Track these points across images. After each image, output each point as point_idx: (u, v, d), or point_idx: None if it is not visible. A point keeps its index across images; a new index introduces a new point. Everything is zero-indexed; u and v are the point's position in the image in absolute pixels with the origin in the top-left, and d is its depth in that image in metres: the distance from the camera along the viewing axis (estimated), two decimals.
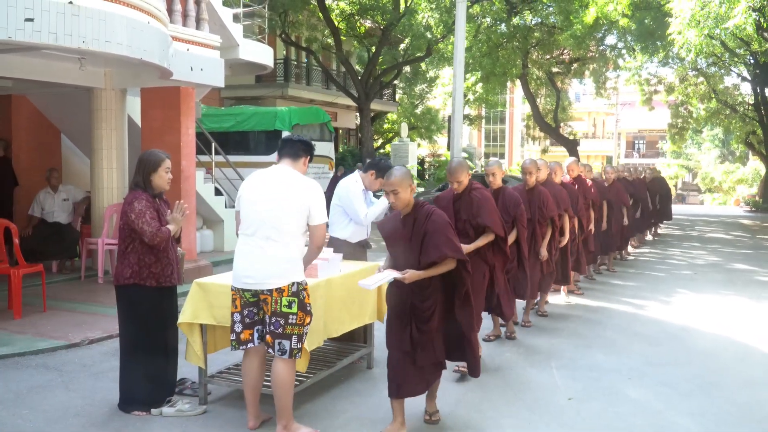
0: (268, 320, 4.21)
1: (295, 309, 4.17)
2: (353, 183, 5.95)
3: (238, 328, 4.29)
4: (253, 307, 4.26)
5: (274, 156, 16.14)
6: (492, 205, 5.68)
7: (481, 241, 5.57)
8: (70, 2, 6.27)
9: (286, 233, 4.16)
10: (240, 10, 13.56)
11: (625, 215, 11.39)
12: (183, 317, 4.79)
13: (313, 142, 4.58)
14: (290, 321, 4.17)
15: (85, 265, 9.53)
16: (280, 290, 4.15)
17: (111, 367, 5.66)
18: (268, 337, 4.22)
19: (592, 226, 9.43)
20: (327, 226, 4.40)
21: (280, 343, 4.18)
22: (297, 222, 4.19)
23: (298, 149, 4.37)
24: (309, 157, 4.43)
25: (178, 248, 5.03)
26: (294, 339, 4.19)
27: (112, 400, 4.92)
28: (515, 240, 6.46)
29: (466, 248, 5.17)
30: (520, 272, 6.69)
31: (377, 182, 5.88)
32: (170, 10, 8.87)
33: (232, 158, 14.80)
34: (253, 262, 4.18)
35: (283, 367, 4.21)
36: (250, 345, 4.30)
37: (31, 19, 6.06)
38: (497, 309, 6.13)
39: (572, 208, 8.15)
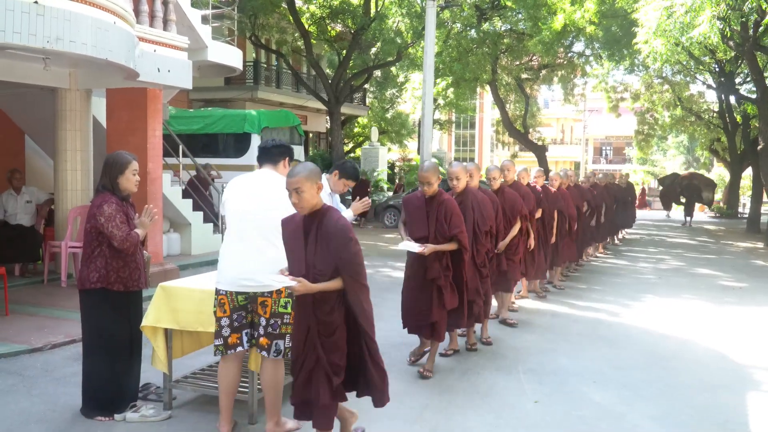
0: (264, 322, 4.22)
1: (289, 309, 4.21)
2: None
3: (225, 332, 4.27)
4: (242, 310, 4.26)
5: (242, 159, 16.02)
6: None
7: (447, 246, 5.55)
8: (35, 2, 6.18)
9: (279, 234, 4.16)
10: (209, 12, 13.46)
11: (574, 225, 10.30)
12: (146, 321, 4.73)
13: (288, 144, 4.63)
14: (285, 321, 4.22)
15: (47, 269, 9.38)
16: (279, 291, 4.19)
17: (73, 372, 5.58)
18: (263, 339, 4.23)
19: (531, 241, 8.25)
20: None
21: (276, 344, 4.22)
22: None
23: (274, 154, 4.46)
24: (287, 158, 4.52)
25: (144, 251, 4.98)
26: (287, 338, 4.24)
27: (75, 405, 4.85)
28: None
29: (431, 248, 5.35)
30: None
31: (341, 182, 5.88)
32: (137, 11, 8.78)
33: (201, 161, 14.68)
34: (252, 265, 4.18)
35: (273, 367, 4.27)
36: (239, 349, 4.30)
37: None
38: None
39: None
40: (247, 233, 4.23)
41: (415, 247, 5.39)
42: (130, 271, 4.69)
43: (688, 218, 24.73)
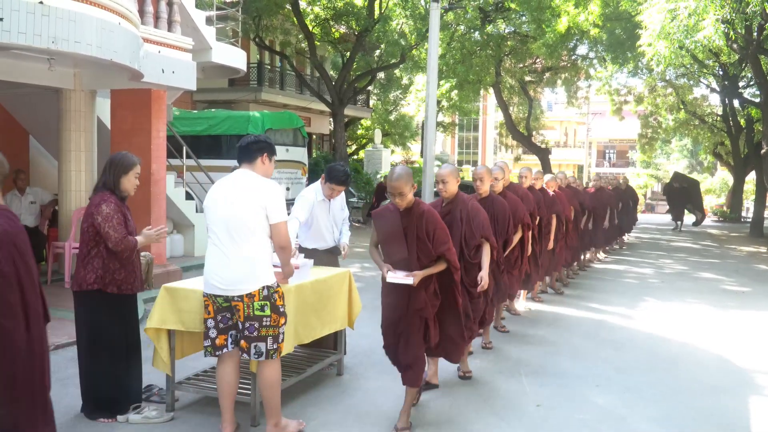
0: (241, 325, 4.20)
1: (268, 312, 4.17)
2: (307, 190, 5.96)
3: (212, 333, 4.29)
4: (227, 312, 4.25)
5: None
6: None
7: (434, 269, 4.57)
8: (41, 2, 6.20)
9: (249, 236, 4.15)
10: (213, 13, 13.49)
11: (570, 227, 10.04)
12: (150, 323, 4.73)
13: (269, 139, 4.43)
14: (264, 323, 4.18)
15: (51, 270, 9.39)
16: (250, 295, 4.14)
17: (76, 374, 5.54)
18: (242, 341, 4.22)
19: (529, 247, 7.57)
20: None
21: (255, 347, 4.19)
22: (256, 223, 4.14)
23: (251, 151, 4.29)
24: (266, 154, 4.31)
25: (147, 253, 4.98)
26: (269, 340, 4.20)
27: (78, 406, 4.85)
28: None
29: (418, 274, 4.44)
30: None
31: (327, 187, 5.87)
32: (142, 12, 8.81)
33: (204, 162, 14.69)
34: (220, 268, 4.17)
35: (268, 368, 4.26)
36: (225, 350, 4.30)
37: (1, 19, 5.98)
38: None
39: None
40: (219, 237, 4.21)
41: (405, 279, 4.42)
42: (126, 273, 4.66)
43: (678, 222, 24.40)
